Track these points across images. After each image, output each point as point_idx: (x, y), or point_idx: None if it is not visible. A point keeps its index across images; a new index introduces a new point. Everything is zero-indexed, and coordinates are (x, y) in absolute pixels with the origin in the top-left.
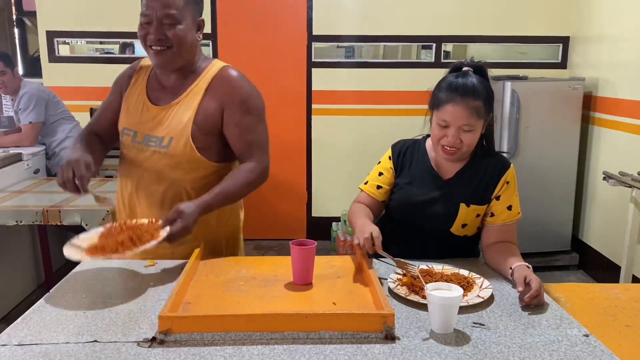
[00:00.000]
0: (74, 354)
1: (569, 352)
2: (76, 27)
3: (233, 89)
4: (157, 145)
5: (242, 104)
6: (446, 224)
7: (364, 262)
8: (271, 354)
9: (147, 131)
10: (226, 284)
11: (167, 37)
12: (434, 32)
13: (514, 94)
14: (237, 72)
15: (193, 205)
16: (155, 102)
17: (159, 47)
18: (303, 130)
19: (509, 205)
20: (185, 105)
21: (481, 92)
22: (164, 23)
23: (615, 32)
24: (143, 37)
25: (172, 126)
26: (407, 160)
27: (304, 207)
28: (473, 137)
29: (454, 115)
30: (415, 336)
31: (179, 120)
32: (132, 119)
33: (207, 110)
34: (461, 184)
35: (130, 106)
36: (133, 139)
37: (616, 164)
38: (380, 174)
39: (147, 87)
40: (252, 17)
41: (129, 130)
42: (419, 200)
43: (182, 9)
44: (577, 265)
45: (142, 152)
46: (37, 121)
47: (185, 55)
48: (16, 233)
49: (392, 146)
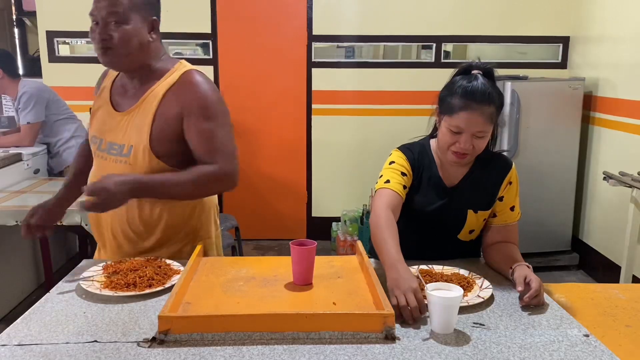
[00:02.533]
0: (74, 354)
1: (569, 352)
2: (76, 27)
3: (194, 94)
4: (118, 154)
5: (203, 110)
6: (453, 230)
7: (364, 262)
8: (271, 354)
9: (110, 138)
10: (226, 284)
11: (112, 37)
12: (434, 32)
13: (514, 94)
14: (202, 76)
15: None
16: (117, 107)
17: (103, 47)
18: (303, 130)
19: (511, 206)
20: (144, 110)
21: (495, 98)
22: (108, 22)
23: (615, 32)
24: (92, 40)
25: (131, 133)
26: (421, 166)
27: (304, 207)
28: (484, 142)
29: (469, 122)
30: (415, 336)
31: (138, 126)
32: (98, 126)
33: (166, 115)
34: (467, 191)
35: (97, 112)
36: (99, 147)
37: (616, 164)
38: (404, 174)
39: (111, 92)
40: (252, 17)
41: (96, 138)
42: (429, 207)
43: (128, 8)
44: (577, 265)
45: (105, 160)
46: (35, 121)
47: (134, 57)
48: (16, 233)
49: (404, 148)
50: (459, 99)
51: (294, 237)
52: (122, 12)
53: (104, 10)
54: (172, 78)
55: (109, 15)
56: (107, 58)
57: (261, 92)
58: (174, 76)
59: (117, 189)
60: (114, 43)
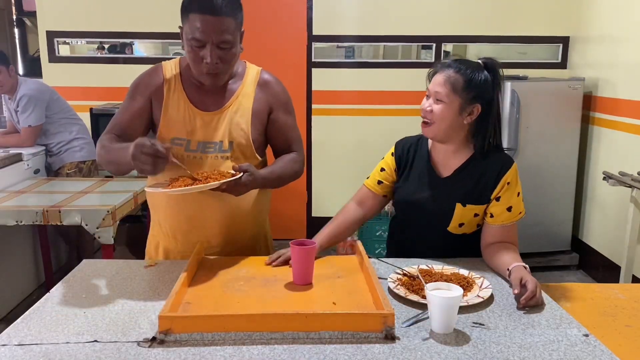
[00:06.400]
0: (74, 354)
1: (568, 352)
2: (76, 27)
3: (278, 91)
4: (216, 151)
5: (286, 105)
6: (442, 222)
7: (364, 262)
8: (271, 354)
9: (202, 138)
10: (226, 284)
11: (222, 61)
12: (434, 32)
13: (514, 94)
14: (271, 75)
15: (257, 174)
16: (202, 108)
17: (214, 71)
18: (303, 130)
19: (508, 206)
20: (240, 108)
21: (466, 71)
22: (220, 47)
23: (615, 32)
24: (197, 61)
25: (230, 130)
26: (409, 158)
27: (304, 207)
28: (443, 110)
29: (434, 82)
30: (415, 336)
31: (237, 123)
32: (182, 127)
33: (259, 111)
34: (458, 183)
35: (174, 114)
36: (186, 148)
37: (616, 164)
38: (382, 169)
39: (187, 95)
40: (252, 17)
41: (181, 140)
42: (416, 198)
43: (234, 31)
44: (577, 265)
45: (201, 159)
46: (36, 124)
47: (232, 71)
48: (16, 233)
49: (396, 143)
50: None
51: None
52: (232, 38)
53: (216, 36)
54: (253, 77)
55: (222, 43)
56: (216, 79)
57: None
58: (252, 75)
59: (251, 186)
60: (224, 67)
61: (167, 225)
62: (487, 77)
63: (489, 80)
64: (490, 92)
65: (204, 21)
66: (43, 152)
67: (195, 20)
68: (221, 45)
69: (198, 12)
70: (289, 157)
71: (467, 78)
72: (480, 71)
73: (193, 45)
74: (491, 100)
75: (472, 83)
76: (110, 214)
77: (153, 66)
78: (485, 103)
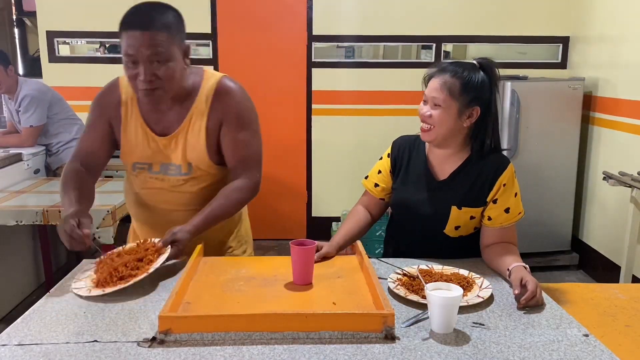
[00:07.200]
0: (74, 354)
1: (568, 352)
2: (76, 27)
3: (230, 103)
4: (177, 173)
5: (239, 119)
6: (438, 225)
7: (364, 262)
8: (271, 354)
9: (162, 160)
10: (226, 284)
11: (157, 77)
12: (434, 32)
13: (514, 94)
14: (234, 83)
15: (185, 230)
16: (158, 131)
17: (149, 87)
18: (303, 130)
19: (506, 208)
20: (194, 128)
21: (462, 74)
22: (152, 61)
23: (615, 32)
24: (132, 78)
25: (186, 152)
26: (404, 159)
27: (304, 207)
28: (442, 115)
29: (430, 87)
30: (415, 336)
31: (192, 145)
32: (142, 152)
33: (213, 127)
34: (455, 186)
35: (133, 139)
36: (149, 171)
37: (616, 164)
38: (379, 172)
39: (143, 116)
40: (252, 17)
41: (142, 164)
42: (412, 200)
43: (168, 45)
44: (577, 265)
45: (163, 181)
46: (38, 124)
47: (176, 87)
48: (16, 233)
49: (393, 143)
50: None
51: (294, 237)
52: (165, 51)
53: (146, 50)
54: (208, 90)
55: (153, 56)
56: (153, 97)
57: (261, 92)
58: (208, 88)
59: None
60: (161, 83)
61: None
62: (484, 78)
63: (486, 81)
64: (487, 94)
65: (133, 37)
66: (43, 152)
67: (126, 37)
68: (153, 59)
69: (128, 29)
70: (232, 187)
71: (464, 81)
72: (476, 72)
73: (127, 62)
74: (489, 101)
75: (469, 86)
76: (110, 213)
77: (110, 82)
78: (483, 105)
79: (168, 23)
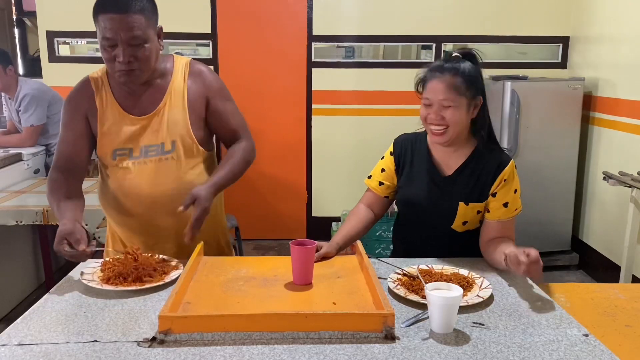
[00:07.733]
0: (74, 354)
1: (568, 352)
2: (76, 27)
3: (210, 78)
4: (158, 153)
5: (222, 92)
6: (447, 221)
7: (364, 262)
8: (271, 354)
9: (142, 143)
10: (226, 284)
11: (137, 58)
12: (434, 32)
13: (514, 94)
14: (202, 64)
15: (205, 186)
16: (137, 113)
17: (127, 68)
18: (303, 130)
19: (504, 202)
20: (173, 106)
21: (461, 70)
22: (130, 44)
23: (615, 32)
24: (110, 60)
25: (169, 130)
26: (408, 156)
27: (304, 207)
28: (455, 113)
29: (434, 90)
30: (415, 336)
31: (174, 121)
32: (121, 138)
33: (195, 104)
34: (461, 182)
35: (111, 125)
36: (130, 156)
37: (616, 164)
38: (383, 170)
39: (119, 102)
40: (252, 17)
41: (123, 150)
42: (419, 198)
43: (145, 27)
44: (577, 265)
45: (145, 164)
46: (38, 124)
47: (152, 68)
48: (16, 233)
49: (395, 141)
50: (427, 72)
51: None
52: (142, 33)
53: (125, 33)
54: (181, 69)
55: (132, 39)
56: (130, 77)
57: (261, 92)
58: (180, 67)
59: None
60: (138, 64)
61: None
62: (473, 67)
63: (477, 70)
64: (481, 81)
65: (111, 19)
66: (43, 152)
67: (103, 21)
68: (132, 42)
69: (105, 12)
70: (238, 147)
71: (465, 76)
72: (466, 64)
73: (105, 46)
74: (483, 88)
75: (470, 79)
76: None
77: (80, 82)
78: (482, 93)
79: (144, 5)
